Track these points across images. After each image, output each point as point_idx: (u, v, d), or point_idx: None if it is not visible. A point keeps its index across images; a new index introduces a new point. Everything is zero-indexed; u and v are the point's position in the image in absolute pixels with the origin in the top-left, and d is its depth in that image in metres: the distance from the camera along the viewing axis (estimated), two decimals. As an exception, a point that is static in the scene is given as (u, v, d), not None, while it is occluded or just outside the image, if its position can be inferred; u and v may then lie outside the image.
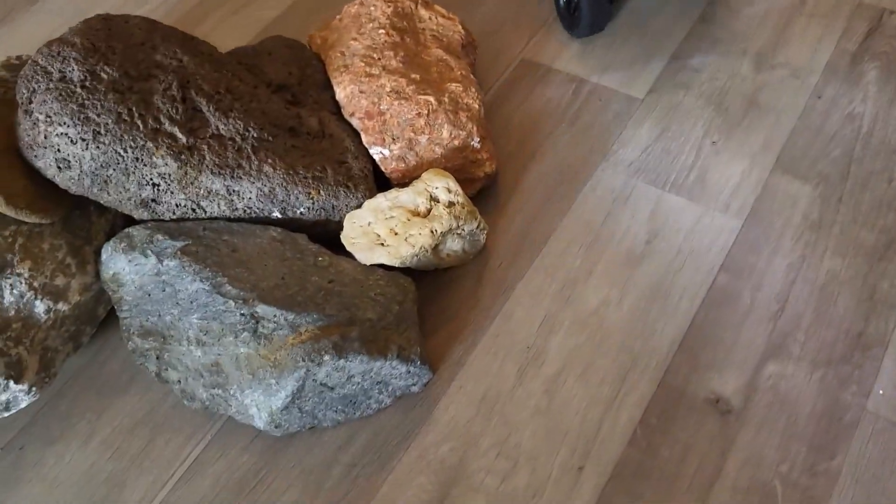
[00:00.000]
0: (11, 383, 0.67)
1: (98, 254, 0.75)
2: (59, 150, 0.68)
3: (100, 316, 0.76)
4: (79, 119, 0.68)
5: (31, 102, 0.68)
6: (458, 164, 0.79)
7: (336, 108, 0.83)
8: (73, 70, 0.69)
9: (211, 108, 0.74)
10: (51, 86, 0.68)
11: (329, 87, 0.84)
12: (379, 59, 0.80)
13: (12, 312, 0.68)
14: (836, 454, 0.67)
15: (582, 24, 0.93)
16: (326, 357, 0.66)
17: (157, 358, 0.71)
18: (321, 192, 0.76)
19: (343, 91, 0.79)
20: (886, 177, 0.82)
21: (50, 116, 0.68)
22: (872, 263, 0.77)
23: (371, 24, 0.83)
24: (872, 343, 0.72)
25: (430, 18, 0.87)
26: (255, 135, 0.75)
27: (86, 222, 0.75)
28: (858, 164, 0.83)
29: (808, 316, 0.74)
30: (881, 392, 0.70)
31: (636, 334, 0.74)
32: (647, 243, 0.80)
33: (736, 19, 0.97)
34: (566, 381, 0.72)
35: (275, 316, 0.68)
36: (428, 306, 0.77)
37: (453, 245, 0.77)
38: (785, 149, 0.85)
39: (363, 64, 0.80)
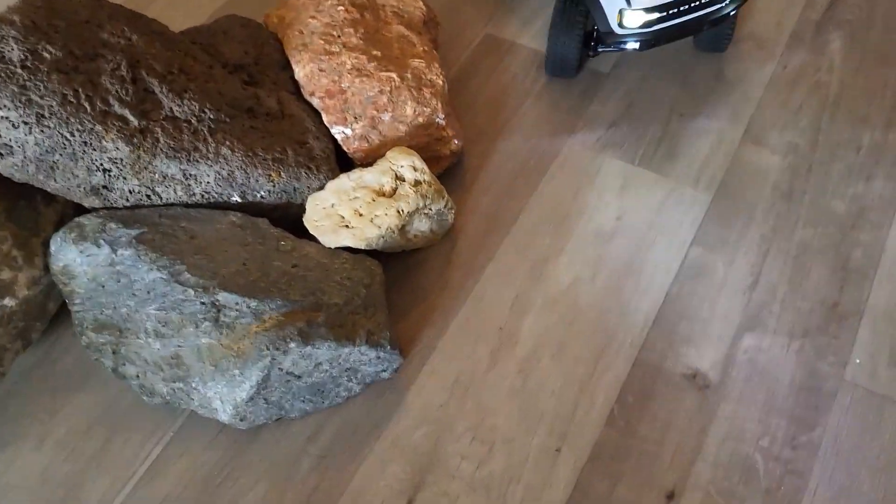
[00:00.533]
0: (-43, 383, 0.63)
1: (47, 245, 0.71)
2: None
3: (50, 311, 0.72)
4: (20, 101, 0.64)
5: (-32, 85, 0.64)
6: (423, 142, 0.77)
7: (295, 87, 0.80)
8: (13, 49, 0.65)
9: (164, 88, 0.70)
10: (-11, 67, 0.64)
11: (287, 67, 0.81)
12: (339, 36, 0.77)
13: (-44, 308, 0.64)
14: (816, 425, 0.66)
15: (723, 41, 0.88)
16: (292, 344, 0.63)
17: (114, 353, 0.68)
18: (282, 174, 0.73)
19: (302, 70, 0.76)
20: (854, 146, 0.82)
21: (-11, 99, 0.64)
22: (845, 232, 0.76)
23: (330, 1, 0.80)
24: (848, 313, 0.72)
25: (389, -5, 0.84)
26: (211, 116, 0.71)
27: (32, 213, 0.71)
28: (826, 133, 0.83)
29: (782, 287, 0.73)
30: (858, 361, 0.69)
31: (610, 312, 0.72)
32: (618, 219, 0.78)
33: (700, -9, 0.95)
34: (540, 361, 0.70)
35: (237, 304, 0.65)
36: (396, 289, 0.74)
37: (421, 225, 0.75)
38: (753, 120, 0.84)
39: (322, 42, 0.77)
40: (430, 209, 0.74)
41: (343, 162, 0.77)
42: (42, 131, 0.65)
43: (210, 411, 0.66)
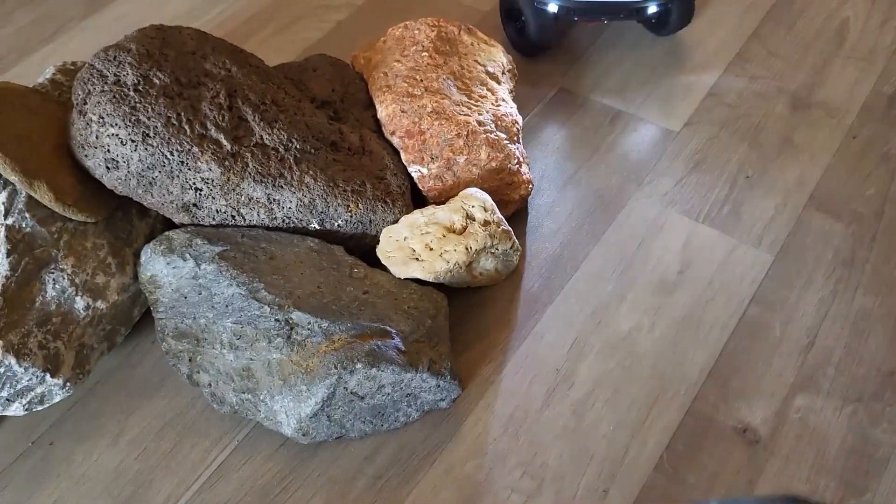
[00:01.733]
0: (48, 376, 0.68)
1: (137, 256, 0.76)
2: (108, 151, 0.70)
3: (135, 318, 0.77)
4: (130, 121, 0.70)
5: (85, 103, 0.70)
6: (494, 186, 0.80)
7: (377, 126, 0.84)
8: (128, 74, 0.71)
9: (256, 117, 0.75)
10: (105, 88, 0.70)
11: (370, 106, 0.86)
12: (421, 80, 0.82)
13: (53, 307, 0.69)
14: (866, 490, 0.66)
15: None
16: (359, 365, 0.67)
17: (190, 360, 0.72)
18: (359, 205, 0.77)
19: (385, 110, 0.81)
20: (921, 218, 0.82)
21: (103, 117, 0.70)
22: (905, 302, 0.77)
23: (414, 47, 0.85)
24: (904, 382, 0.72)
25: (472, 44, 0.89)
26: (297, 146, 0.76)
27: (127, 224, 0.77)
28: (893, 204, 0.84)
29: (838, 351, 0.74)
30: (912, 430, 0.69)
31: (666, 361, 0.74)
32: (680, 273, 0.80)
33: (774, 58, 0.98)
34: (594, 404, 0.72)
35: (309, 323, 0.69)
36: (459, 324, 0.77)
37: (486, 264, 0.78)
38: (819, 186, 0.86)
39: (406, 84, 0.81)
40: (497, 249, 0.77)
41: (417, 200, 0.81)
42: (146, 149, 0.70)
43: (275, 424, 0.69)
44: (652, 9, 0.90)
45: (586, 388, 0.73)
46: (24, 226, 0.70)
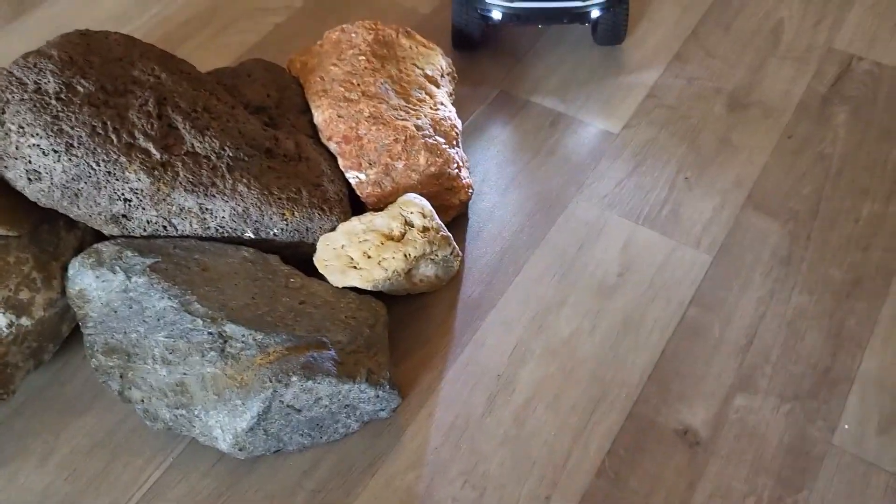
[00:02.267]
0: (-32, 398, 0.65)
1: (65, 269, 0.73)
2: (30, 162, 0.68)
3: (63, 333, 0.75)
4: (52, 131, 0.67)
5: (3, 113, 0.68)
6: (433, 191, 0.79)
7: (313, 131, 0.83)
8: (49, 82, 0.69)
9: (187, 125, 0.73)
10: (25, 97, 0.68)
11: (307, 111, 0.84)
12: (358, 84, 0.80)
13: (-27, 325, 0.67)
14: (803, 488, 0.67)
15: (613, 35, 0.97)
16: (294, 378, 0.65)
17: (121, 377, 0.70)
18: (295, 213, 0.75)
19: (321, 115, 0.79)
20: (854, 216, 0.83)
21: (23, 127, 0.67)
22: (840, 300, 0.78)
23: (352, 51, 0.84)
24: (839, 379, 0.73)
25: (410, 48, 0.87)
26: (230, 154, 0.74)
27: (54, 237, 0.74)
28: (827, 202, 0.85)
29: (776, 350, 0.74)
30: (847, 427, 0.70)
31: (607, 364, 0.74)
32: (620, 275, 0.80)
33: (711, 58, 0.99)
34: (536, 409, 0.72)
35: (243, 335, 0.67)
36: (399, 332, 0.76)
37: (426, 270, 0.77)
38: (756, 186, 0.86)
39: (342, 89, 0.80)
40: (437, 255, 0.76)
41: (355, 206, 0.80)
42: (70, 160, 0.68)
43: (210, 439, 0.68)
44: (595, 13, 0.90)
45: (527, 393, 0.72)
46: (-60, 241, 0.67)
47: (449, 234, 0.77)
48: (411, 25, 1.03)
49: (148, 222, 0.73)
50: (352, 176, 0.78)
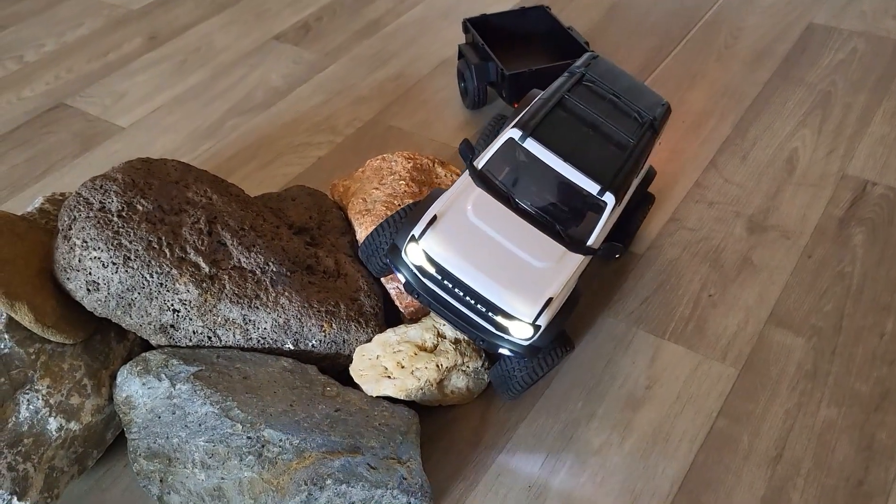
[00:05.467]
0: (15, 499, 0.68)
1: (114, 378, 0.77)
2: (90, 273, 0.73)
3: (108, 440, 0.77)
4: (112, 245, 0.73)
5: (70, 228, 0.73)
6: (465, 304, 0.83)
7: (352, 251, 0.88)
8: (112, 201, 0.75)
9: (235, 242, 0.79)
10: (90, 214, 0.74)
11: (346, 233, 0.90)
12: (399, 205, 0.86)
13: (25, 427, 0.70)
14: None
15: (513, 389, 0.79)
16: (329, 481, 0.67)
17: (161, 481, 0.72)
18: (333, 325, 0.79)
19: (365, 231, 0.85)
20: (878, 332, 0.85)
21: (86, 241, 0.73)
22: (869, 413, 0.78)
23: (392, 176, 0.90)
24: (873, 492, 0.72)
25: (445, 175, 0.94)
26: (274, 269, 0.79)
27: (105, 347, 0.78)
28: (850, 318, 0.87)
29: (807, 462, 0.75)
30: (884, 540, 0.69)
31: (637, 475, 0.75)
32: (647, 388, 0.82)
33: (730, 185, 1.03)
34: (567, 520, 0.72)
35: (280, 440, 0.70)
36: (431, 442, 0.78)
37: (458, 382, 0.79)
38: (779, 303, 0.89)
39: (384, 208, 0.85)
40: (468, 367, 0.79)
41: (391, 320, 0.84)
42: (126, 271, 0.73)
43: (245, 545, 0.69)
44: (493, 346, 0.76)
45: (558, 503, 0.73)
46: (2, 347, 0.71)
47: (480, 347, 0.80)
48: (444, 158, 1.10)
49: (194, 332, 0.77)
50: (392, 287, 0.82)
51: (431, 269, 0.72)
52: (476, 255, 0.72)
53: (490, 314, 0.72)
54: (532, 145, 0.75)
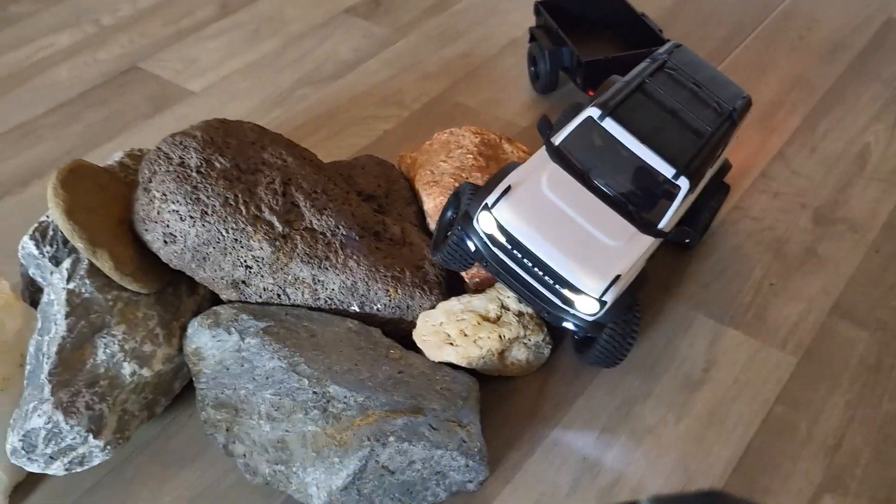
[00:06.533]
0: (90, 437, 0.70)
1: (184, 330, 0.79)
2: (167, 226, 0.75)
3: (175, 390, 0.80)
4: (190, 199, 0.75)
5: (150, 181, 0.76)
6: (529, 278, 0.83)
7: (418, 220, 0.89)
8: (192, 157, 0.77)
9: (307, 204, 0.80)
10: (170, 168, 0.76)
11: (412, 203, 0.91)
12: (467, 177, 0.87)
13: (102, 370, 0.73)
14: (896, 592, 0.65)
15: (595, 359, 0.79)
16: (392, 438, 0.68)
17: (227, 430, 0.74)
18: (398, 290, 0.80)
19: (433, 202, 0.86)
20: (945, 329, 0.84)
21: (165, 194, 0.75)
22: (932, 409, 0.78)
23: (459, 150, 0.91)
24: (933, 487, 0.72)
25: (512, 151, 0.94)
26: (343, 233, 0.81)
27: (176, 299, 0.81)
28: (916, 314, 0.86)
29: (866, 453, 0.74)
30: (942, 535, 0.69)
31: (692, 455, 0.75)
32: (705, 371, 0.82)
33: (797, 177, 1.03)
34: (620, 493, 0.73)
35: (345, 396, 0.71)
36: (488, 410, 0.79)
37: (518, 354, 0.80)
38: (843, 295, 0.88)
39: (452, 180, 0.87)
40: (530, 340, 0.80)
41: (453, 289, 0.85)
42: (203, 225, 0.75)
43: (305, 497, 0.71)
44: (568, 323, 0.76)
45: (612, 477, 0.74)
46: (83, 291, 0.74)
47: (542, 321, 0.80)
48: (510, 135, 1.10)
49: (264, 289, 0.79)
50: (457, 257, 0.83)
51: (502, 238, 0.73)
52: (547, 227, 0.72)
53: (557, 287, 0.73)
54: (610, 125, 0.76)
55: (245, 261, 0.77)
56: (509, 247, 0.73)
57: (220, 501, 0.74)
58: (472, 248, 0.75)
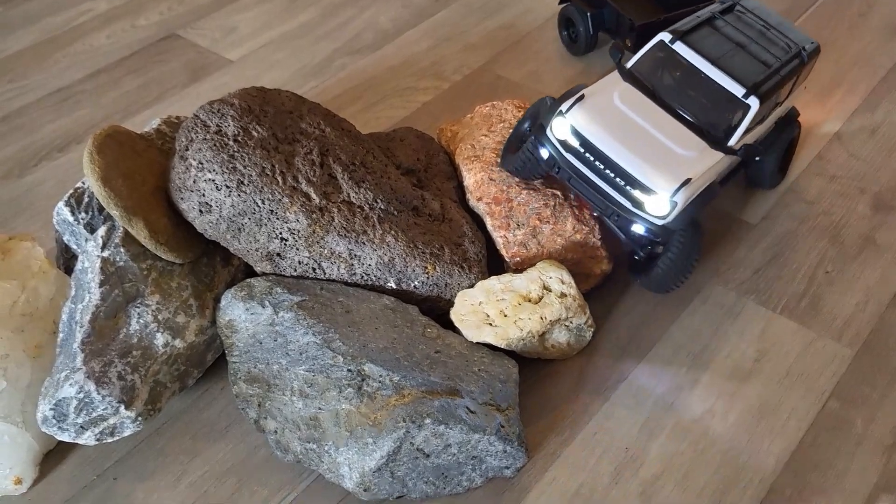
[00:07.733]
0: (122, 408, 0.69)
1: (217, 301, 0.78)
2: (203, 195, 0.73)
3: (207, 362, 0.78)
4: (227, 168, 0.73)
5: (187, 149, 0.74)
6: (576, 258, 0.80)
7: (458, 196, 0.86)
8: (229, 125, 0.75)
9: (345, 176, 0.78)
10: (207, 136, 0.74)
11: (452, 178, 0.88)
12: (507, 152, 0.84)
13: (135, 340, 0.71)
14: None
15: (654, 280, 0.80)
16: (428, 420, 0.66)
17: (259, 405, 0.72)
18: (437, 268, 0.78)
19: (473, 177, 0.83)
20: None
21: (202, 163, 0.73)
22: None
23: (501, 124, 0.88)
24: None
25: (555, 126, 0.91)
26: (382, 207, 0.78)
27: (210, 270, 0.79)
28: (982, 309, 0.81)
29: (926, 453, 0.71)
30: None
31: (741, 448, 0.72)
32: (756, 361, 0.78)
33: (855, 160, 0.98)
34: (664, 486, 0.70)
35: (381, 375, 0.69)
36: (528, 394, 0.76)
37: (559, 336, 0.78)
38: (903, 286, 0.84)
39: (493, 155, 0.83)
40: (571, 322, 0.77)
41: (493, 268, 0.82)
42: (239, 195, 0.73)
43: (337, 477, 0.69)
44: (632, 223, 0.78)
45: (656, 469, 0.71)
46: (117, 259, 0.72)
47: (585, 302, 0.77)
48: (554, 111, 1.07)
49: (299, 263, 0.76)
50: (499, 235, 0.80)
51: (575, 143, 0.75)
52: (620, 132, 0.74)
53: (628, 188, 0.74)
54: (681, 48, 0.79)
55: (280, 233, 0.75)
56: (582, 150, 0.74)
57: (251, 477, 0.72)
58: (546, 155, 0.77)
